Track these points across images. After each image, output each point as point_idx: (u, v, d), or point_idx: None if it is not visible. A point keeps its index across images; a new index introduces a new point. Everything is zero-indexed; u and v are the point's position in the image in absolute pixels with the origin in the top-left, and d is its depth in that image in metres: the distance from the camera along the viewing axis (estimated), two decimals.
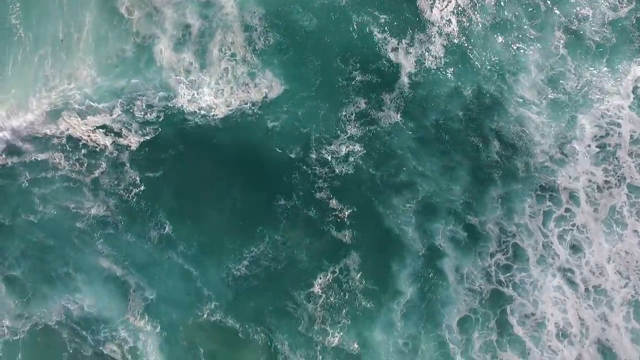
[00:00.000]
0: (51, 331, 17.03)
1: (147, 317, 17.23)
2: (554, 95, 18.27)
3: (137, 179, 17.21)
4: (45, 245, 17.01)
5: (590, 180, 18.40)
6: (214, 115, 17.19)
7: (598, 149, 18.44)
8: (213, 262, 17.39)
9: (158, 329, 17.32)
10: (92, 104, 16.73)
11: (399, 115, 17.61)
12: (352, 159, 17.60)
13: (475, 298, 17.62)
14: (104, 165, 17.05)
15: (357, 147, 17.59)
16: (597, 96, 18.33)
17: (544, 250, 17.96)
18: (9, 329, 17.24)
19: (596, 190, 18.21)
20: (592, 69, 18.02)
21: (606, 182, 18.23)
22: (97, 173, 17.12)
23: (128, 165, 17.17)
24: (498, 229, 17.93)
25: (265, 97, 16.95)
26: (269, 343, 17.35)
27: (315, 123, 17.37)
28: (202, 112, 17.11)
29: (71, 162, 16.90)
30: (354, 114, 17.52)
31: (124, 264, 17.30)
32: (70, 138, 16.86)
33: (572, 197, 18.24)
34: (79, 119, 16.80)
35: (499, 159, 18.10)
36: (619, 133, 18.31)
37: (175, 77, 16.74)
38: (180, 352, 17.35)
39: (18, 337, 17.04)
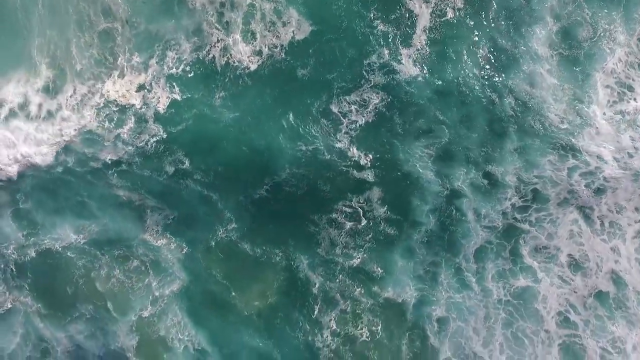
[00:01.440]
0: (62, 253, 17.53)
1: (167, 234, 17.71)
2: (568, 52, 17.50)
3: (160, 132, 17.20)
4: (58, 181, 17.38)
5: (617, 148, 17.97)
6: (245, 68, 16.86)
7: (618, 115, 17.69)
8: (233, 188, 17.58)
9: (179, 246, 17.81)
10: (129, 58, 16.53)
11: (418, 67, 17.37)
12: (374, 107, 17.56)
13: (492, 232, 18.29)
14: (131, 120, 16.92)
15: (380, 96, 17.53)
16: (609, 47, 17.26)
17: (568, 194, 18.43)
18: (16, 251, 17.49)
19: (627, 157, 17.87)
20: (607, 16, 16.81)
21: (636, 148, 17.75)
22: (122, 129, 17.04)
23: (152, 121, 17.12)
24: (516, 178, 18.28)
25: (293, 37, 16.50)
26: (287, 262, 17.89)
27: (341, 69, 17.04)
28: (234, 62, 16.77)
29: (101, 118, 16.91)
30: (377, 64, 17.23)
31: (139, 192, 17.51)
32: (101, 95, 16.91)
33: (599, 158, 18.14)
34: (119, 80, 16.71)
35: (513, 114, 17.84)
36: (635, 98, 17.36)
37: (207, 19, 16.21)
38: (201, 269, 17.86)
39: (26, 259, 17.50)
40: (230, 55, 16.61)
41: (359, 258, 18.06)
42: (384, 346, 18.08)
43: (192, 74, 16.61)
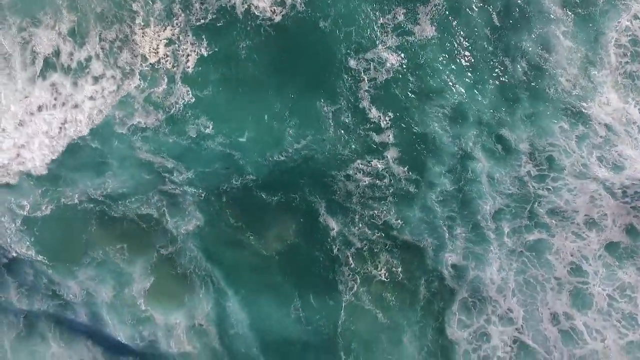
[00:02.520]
0: (76, 207, 17.73)
1: (185, 186, 18.07)
2: (583, 11, 17.66)
3: (188, 94, 17.61)
4: (82, 145, 17.65)
5: (626, 116, 18.20)
6: (269, 19, 17.35)
7: (627, 80, 17.85)
8: (253, 148, 18.14)
9: (196, 193, 18.10)
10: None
11: (433, 28, 17.88)
12: (390, 66, 18.01)
13: (509, 197, 18.90)
14: (163, 81, 17.38)
15: (395, 56, 18.01)
16: (624, 2, 17.49)
17: (582, 167, 18.90)
18: (30, 205, 17.46)
19: (637, 131, 18.05)
20: None
21: None
22: (154, 89, 17.47)
23: (180, 82, 17.59)
24: (529, 145, 18.79)
25: None
26: (305, 207, 18.42)
27: (357, 26, 17.51)
28: (257, 13, 17.20)
29: (134, 78, 17.30)
30: (392, 24, 17.72)
31: (162, 155, 17.98)
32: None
33: (609, 127, 18.38)
34: (147, 32, 17.01)
35: (525, 79, 18.20)
36: None
37: None
38: (218, 213, 18.25)
39: (40, 213, 17.57)
40: (253, 5, 17.19)
41: (377, 209, 18.57)
42: (401, 286, 18.93)
43: (218, 24, 17.08)
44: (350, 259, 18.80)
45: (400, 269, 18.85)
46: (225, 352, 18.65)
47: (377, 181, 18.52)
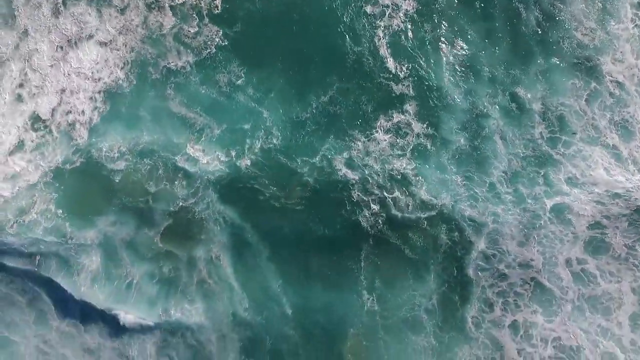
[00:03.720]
0: (104, 161, 17.97)
1: (212, 144, 18.42)
2: None
3: (215, 32, 18.01)
4: (116, 92, 18.02)
5: (638, 76, 18.78)
6: None
7: None
8: (279, 104, 18.58)
9: (224, 152, 18.49)
10: None
11: None
12: (404, 12, 18.70)
13: (523, 159, 19.19)
14: (192, 15, 17.80)
15: (410, 1, 18.73)
16: None
17: (593, 130, 19.27)
18: (63, 158, 17.84)
19: None
20: None
21: None
22: (184, 25, 17.91)
23: (208, 19, 17.96)
24: (541, 104, 19.19)
25: None
26: (326, 163, 18.74)
27: None
28: None
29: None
30: None
31: (192, 107, 18.27)
32: None
33: (621, 86, 18.87)
34: None
35: (540, 31, 18.69)
36: None
37: None
38: (241, 173, 18.60)
39: (68, 166, 17.84)
40: None
41: (394, 163, 19.03)
42: (422, 231, 19.14)
43: None
44: (372, 203, 18.99)
45: (421, 216, 18.98)
46: (243, 286, 18.60)
47: (398, 139, 19.01)
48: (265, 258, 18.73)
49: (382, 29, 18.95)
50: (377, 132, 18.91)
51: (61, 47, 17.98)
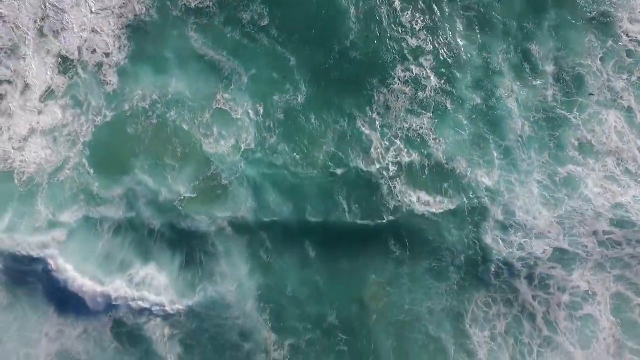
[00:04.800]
0: (135, 116, 18.21)
1: (239, 95, 18.65)
2: None
3: None
4: (140, 31, 18.49)
5: None
6: None
7: None
8: (303, 48, 18.91)
9: (251, 106, 18.71)
10: None
11: None
12: None
13: (536, 124, 19.20)
14: None
15: None
16: None
17: (608, 91, 19.22)
18: (94, 109, 18.17)
19: None
20: None
21: None
22: None
23: None
24: (554, 64, 19.24)
25: None
26: (347, 122, 18.97)
27: None
28: None
29: None
30: None
31: (217, 50, 18.53)
32: None
33: (638, 44, 19.01)
34: None
35: None
36: None
37: None
38: (265, 125, 18.85)
39: (100, 120, 18.15)
40: None
41: (410, 122, 19.29)
42: (443, 195, 19.15)
43: None
44: (391, 165, 19.12)
45: (440, 181, 19.18)
46: (263, 240, 18.64)
47: (417, 92, 19.16)
48: (289, 213, 18.79)
49: None
50: (396, 83, 19.07)
51: None
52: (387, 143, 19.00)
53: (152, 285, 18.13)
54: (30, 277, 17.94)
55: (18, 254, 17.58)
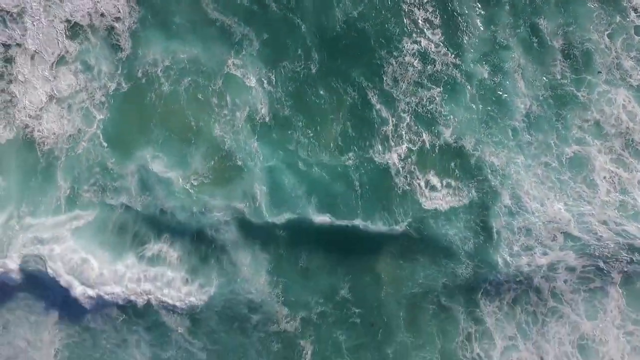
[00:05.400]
0: (148, 85, 18.25)
1: (254, 55, 18.75)
2: None
3: None
4: None
5: None
6: None
7: None
8: (312, 14, 19.04)
9: (265, 68, 18.80)
10: None
11: None
12: None
13: (544, 103, 19.31)
14: None
15: None
16: None
17: (617, 69, 19.34)
18: (107, 76, 18.20)
19: None
20: None
21: None
22: None
23: None
24: (563, 40, 19.33)
25: None
26: (358, 96, 19.03)
27: None
28: None
29: None
30: None
31: (229, 15, 18.61)
32: None
33: None
34: None
35: None
36: None
37: None
38: (278, 102, 18.87)
39: (113, 88, 18.18)
40: None
41: (421, 95, 19.35)
42: (451, 176, 19.36)
43: None
44: (405, 142, 19.18)
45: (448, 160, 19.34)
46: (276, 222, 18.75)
47: (426, 66, 19.27)
48: (302, 193, 18.83)
49: None
50: (404, 55, 19.15)
51: None
52: (395, 120, 19.00)
53: (166, 261, 18.14)
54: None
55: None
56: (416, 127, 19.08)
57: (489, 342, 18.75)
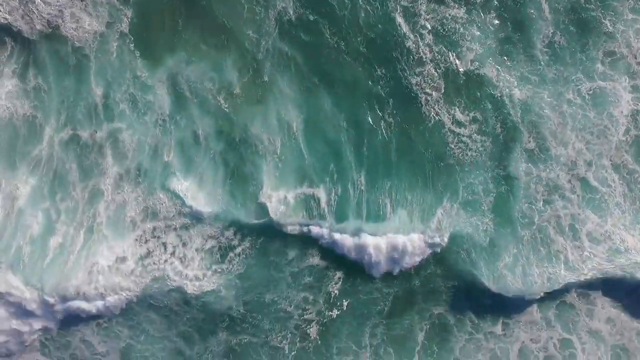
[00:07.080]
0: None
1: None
2: None
3: None
4: None
5: None
6: None
7: None
8: None
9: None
10: None
11: None
12: None
13: (566, 33, 18.94)
14: None
15: None
16: None
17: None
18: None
19: None
20: None
21: None
22: None
23: None
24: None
25: None
26: (381, 14, 19.11)
27: None
28: None
29: None
30: None
31: None
32: None
33: None
34: None
35: None
36: None
37: None
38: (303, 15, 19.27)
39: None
40: None
41: (450, 12, 19.35)
42: (470, 108, 19.49)
43: None
44: (428, 64, 19.29)
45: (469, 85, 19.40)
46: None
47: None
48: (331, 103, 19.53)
49: None
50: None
51: None
52: (417, 35, 18.92)
53: (196, 198, 19.17)
54: None
55: None
56: (438, 47, 18.95)
57: None
